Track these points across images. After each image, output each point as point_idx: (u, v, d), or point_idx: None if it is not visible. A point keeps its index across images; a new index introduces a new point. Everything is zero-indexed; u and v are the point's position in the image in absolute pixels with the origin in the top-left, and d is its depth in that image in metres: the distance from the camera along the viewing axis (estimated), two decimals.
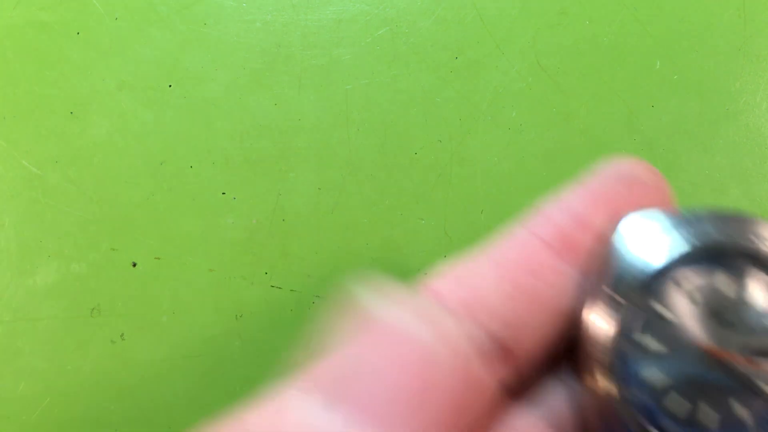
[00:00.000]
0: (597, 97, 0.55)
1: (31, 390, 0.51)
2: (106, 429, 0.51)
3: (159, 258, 0.53)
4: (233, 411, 0.29)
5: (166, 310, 0.53)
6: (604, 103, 0.55)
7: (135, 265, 0.53)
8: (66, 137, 0.54)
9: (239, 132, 0.55)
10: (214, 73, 0.56)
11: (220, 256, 0.53)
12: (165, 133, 0.55)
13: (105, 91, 0.55)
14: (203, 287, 0.53)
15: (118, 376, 0.52)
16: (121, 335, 0.52)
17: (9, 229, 0.52)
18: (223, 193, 0.54)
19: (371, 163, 0.55)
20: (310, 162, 0.55)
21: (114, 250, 0.53)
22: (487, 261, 0.32)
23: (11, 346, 0.52)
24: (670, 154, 0.55)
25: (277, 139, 0.55)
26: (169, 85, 0.55)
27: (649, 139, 0.55)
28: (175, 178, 0.54)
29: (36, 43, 0.56)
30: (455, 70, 0.56)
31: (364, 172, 0.55)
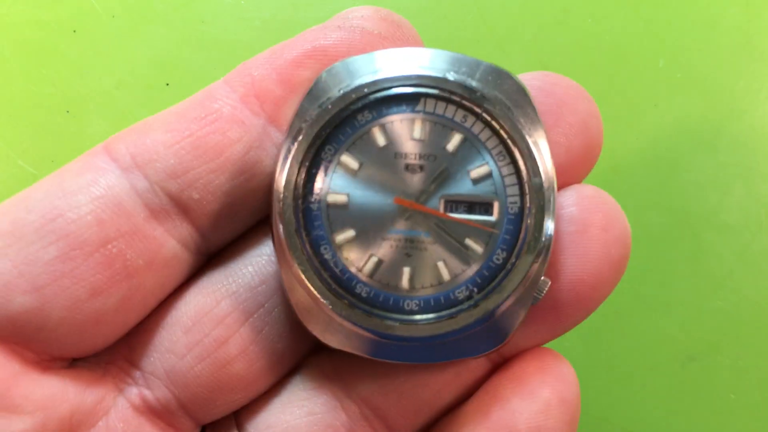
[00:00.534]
0: (600, 96, 0.54)
1: None
2: None
3: None
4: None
5: None
6: (606, 102, 0.55)
7: None
8: (62, 136, 0.54)
9: None
10: (212, 72, 0.55)
11: None
12: None
13: (102, 89, 0.54)
14: None
15: None
16: None
17: None
18: None
19: None
20: None
21: None
22: (169, 114, 0.32)
23: None
24: (673, 153, 0.54)
25: None
26: (167, 84, 0.55)
27: (652, 137, 0.54)
28: None
29: (32, 41, 0.55)
30: None
31: None
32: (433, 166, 0.32)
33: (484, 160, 0.32)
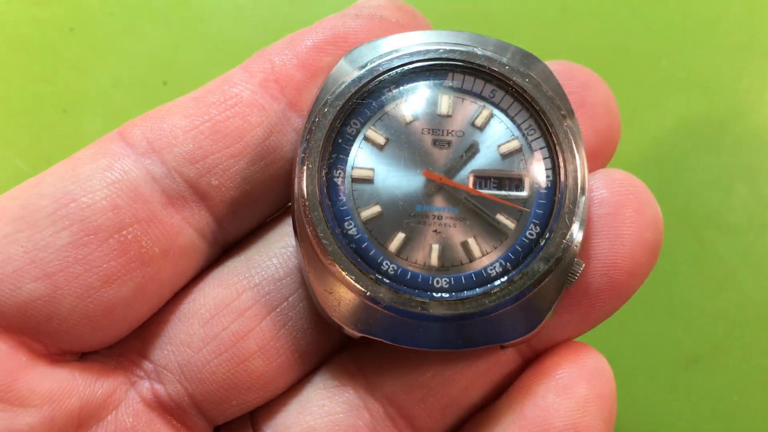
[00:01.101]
0: None
1: None
2: None
3: None
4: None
5: None
6: None
7: None
8: (59, 135, 0.53)
9: None
10: (210, 70, 0.54)
11: None
12: None
13: (99, 88, 0.54)
14: None
15: None
16: None
17: None
18: None
19: None
20: None
21: None
22: (188, 99, 0.31)
23: None
24: (676, 152, 0.54)
25: None
26: (165, 83, 0.54)
27: (655, 137, 0.54)
28: None
29: (28, 40, 0.55)
30: None
31: None
32: (461, 142, 0.31)
33: (513, 135, 0.31)
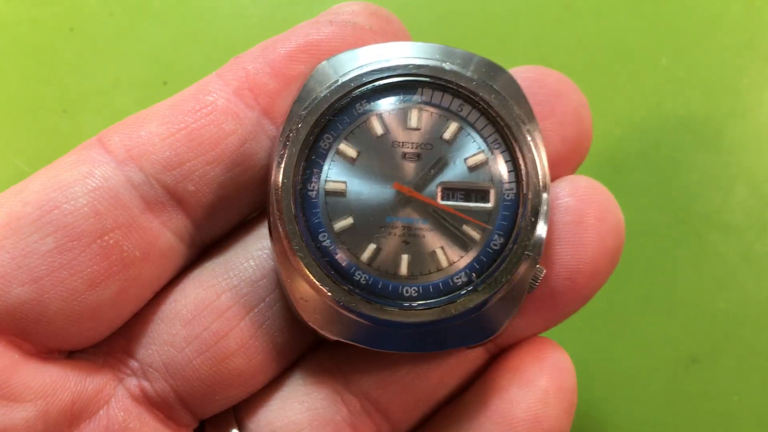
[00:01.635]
0: (602, 95, 0.54)
1: None
2: None
3: None
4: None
5: None
6: (609, 101, 0.55)
7: None
8: (59, 136, 0.53)
9: None
10: (209, 70, 0.54)
11: None
12: None
13: (99, 88, 0.54)
14: None
15: None
16: None
17: None
18: None
19: None
20: None
21: None
22: (163, 107, 0.32)
23: None
24: (676, 152, 0.54)
25: None
26: (165, 83, 0.54)
27: (654, 137, 0.54)
28: None
29: (28, 40, 0.55)
30: None
31: None
32: (430, 155, 0.32)
33: (479, 148, 0.32)
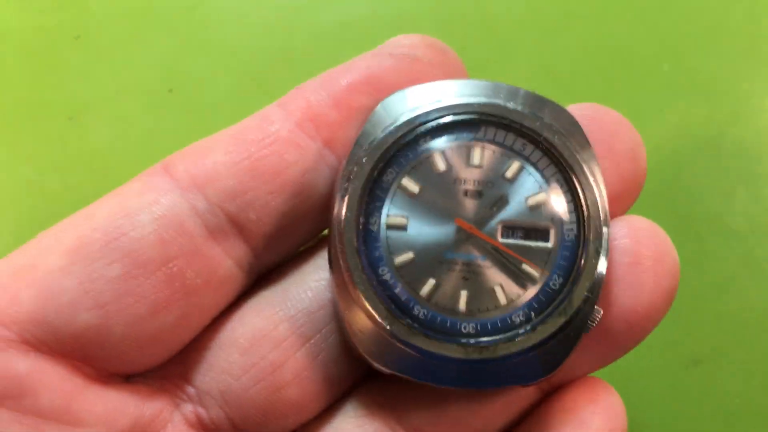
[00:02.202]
0: (603, 101, 0.54)
1: None
2: None
3: None
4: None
5: None
6: (610, 107, 0.55)
7: None
8: (65, 143, 0.53)
9: None
10: (215, 78, 0.55)
11: None
12: (166, 138, 0.54)
13: (105, 96, 0.54)
14: None
15: None
16: None
17: (8, 236, 0.51)
18: None
19: None
20: None
21: None
22: (226, 136, 0.33)
23: None
24: (677, 157, 0.54)
25: None
26: (170, 90, 0.54)
27: (656, 142, 0.54)
28: None
29: (34, 47, 0.55)
30: None
31: None
32: (491, 193, 0.32)
33: (541, 187, 0.33)
